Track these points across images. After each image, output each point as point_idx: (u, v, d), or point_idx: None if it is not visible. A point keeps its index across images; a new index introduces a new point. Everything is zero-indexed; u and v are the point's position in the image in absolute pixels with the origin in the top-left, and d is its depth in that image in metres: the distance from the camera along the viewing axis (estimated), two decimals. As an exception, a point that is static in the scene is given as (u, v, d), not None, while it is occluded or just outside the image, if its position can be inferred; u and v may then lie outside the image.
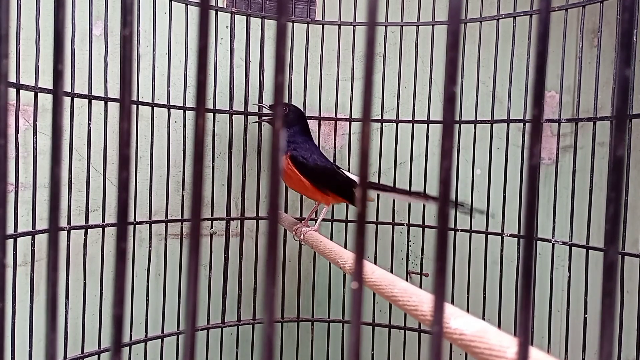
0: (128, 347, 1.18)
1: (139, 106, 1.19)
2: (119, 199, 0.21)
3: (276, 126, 0.22)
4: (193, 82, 1.23)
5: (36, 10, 0.97)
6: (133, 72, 0.23)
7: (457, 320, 0.38)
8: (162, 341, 1.21)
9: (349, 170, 1.33)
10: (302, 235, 1.05)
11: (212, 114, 1.25)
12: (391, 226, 1.34)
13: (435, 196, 1.10)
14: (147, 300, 1.19)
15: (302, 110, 1.24)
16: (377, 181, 1.34)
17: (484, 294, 1.24)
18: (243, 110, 1.29)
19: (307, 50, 1.30)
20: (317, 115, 1.34)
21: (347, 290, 1.34)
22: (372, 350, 1.33)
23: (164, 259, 1.21)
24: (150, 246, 1.18)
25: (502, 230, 1.21)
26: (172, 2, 1.17)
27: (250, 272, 1.33)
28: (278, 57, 0.20)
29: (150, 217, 1.18)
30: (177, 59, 1.26)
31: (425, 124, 1.31)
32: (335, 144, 1.36)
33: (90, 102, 1.06)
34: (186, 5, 1.18)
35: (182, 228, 1.29)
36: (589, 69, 1.51)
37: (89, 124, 1.07)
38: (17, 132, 0.95)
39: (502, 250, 1.21)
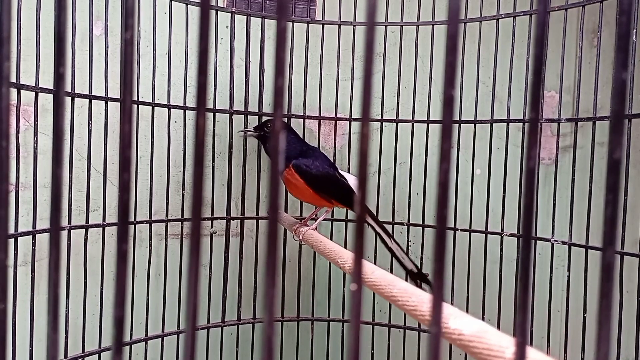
0: (128, 347, 1.18)
1: (139, 106, 1.19)
2: (119, 201, 0.21)
3: (276, 127, 0.22)
4: (193, 82, 1.23)
5: (36, 10, 0.97)
6: (134, 74, 0.23)
7: (456, 320, 0.39)
8: (162, 340, 1.21)
9: (348, 171, 1.33)
10: (300, 235, 1.05)
11: (212, 113, 1.25)
12: (391, 225, 1.34)
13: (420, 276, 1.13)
14: (148, 299, 1.19)
15: (291, 121, 1.29)
16: (377, 181, 1.34)
17: (484, 293, 1.24)
18: (243, 110, 1.29)
19: (307, 50, 1.31)
20: (317, 115, 1.34)
21: (347, 290, 1.34)
22: (372, 349, 1.33)
23: (164, 258, 1.21)
24: (150, 246, 1.19)
25: (502, 230, 1.21)
26: (172, 2, 1.17)
27: (250, 271, 1.33)
28: (278, 60, 0.20)
29: (150, 217, 1.18)
30: (177, 58, 1.26)
31: (425, 124, 1.32)
32: (335, 144, 1.36)
33: (90, 102, 1.06)
34: (186, 5, 1.19)
35: (182, 228, 1.29)
36: (588, 68, 1.52)
37: (89, 124, 1.07)
38: (17, 132, 0.95)
39: (501, 250, 1.21)
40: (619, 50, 0.19)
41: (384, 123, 1.35)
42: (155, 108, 1.17)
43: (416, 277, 1.12)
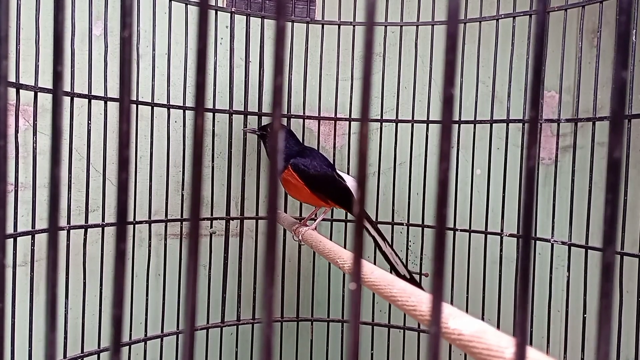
0: (128, 347, 1.18)
1: (139, 106, 1.19)
2: (118, 201, 0.21)
3: (275, 126, 0.22)
4: (193, 82, 1.23)
5: (36, 10, 0.97)
6: (133, 73, 0.23)
7: (456, 320, 0.38)
8: (161, 340, 1.21)
9: (348, 171, 1.33)
10: (300, 235, 1.05)
11: (211, 113, 1.25)
12: (390, 226, 1.34)
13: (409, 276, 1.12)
14: (147, 299, 1.19)
15: (290, 126, 1.29)
16: (376, 181, 1.34)
17: (483, 293, 1.24)
18: (243, 110, 1.29)
19: (307, 50, 1.31)
20: (317, 115, 1.34)
21: (346, 290, 1.34)
22: (372, 349, 1.33)
23: (163, 258, 1.21)
24: (150, 246, 1.18)
25: (502, 230, 1.21)
26: (172, 2, 1.17)
27: (249, 271, 1.33)
28: (277, 59, 0.20)
29: (150, 217, 1.18)
30: (177, 58, 1.26)
31: (425, 124, 1.32)
32: (335, 144, 1.36)
33: (90, 102, 1.06)
34: (186, 5, 1.18)
35: (181, 228, 1.29)
36: (588, 69, 1.51)
37: (88, 124, 1.07)
38: (17, 131, 0.95)
39: (501, 250, 1.21)
40: (619, 50, 0.19)
41: (383, 123, 1.35)
42: (155, 108, 1.17)
43: (408, 283, 1.13)
